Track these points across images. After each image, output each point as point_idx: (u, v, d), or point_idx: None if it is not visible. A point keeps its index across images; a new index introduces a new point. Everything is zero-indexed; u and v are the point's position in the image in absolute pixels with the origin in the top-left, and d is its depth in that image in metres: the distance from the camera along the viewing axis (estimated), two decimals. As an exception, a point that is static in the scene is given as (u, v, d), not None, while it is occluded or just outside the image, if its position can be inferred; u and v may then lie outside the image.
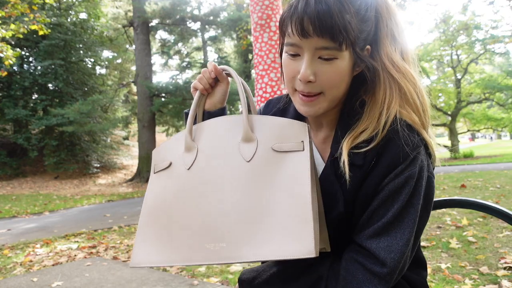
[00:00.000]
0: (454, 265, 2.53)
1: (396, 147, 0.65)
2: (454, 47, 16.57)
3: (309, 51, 0.66)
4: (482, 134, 42.63)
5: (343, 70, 0.67)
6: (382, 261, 0.63)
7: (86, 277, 2.80)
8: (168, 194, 0.74)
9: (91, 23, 16.99)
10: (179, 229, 0.69)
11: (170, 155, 0.79)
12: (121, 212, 6.94)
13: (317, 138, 0.81)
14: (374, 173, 0.66)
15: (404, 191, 0.65)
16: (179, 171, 0.75)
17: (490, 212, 0.90)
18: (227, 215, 0.65)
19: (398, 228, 0.65)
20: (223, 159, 0.70)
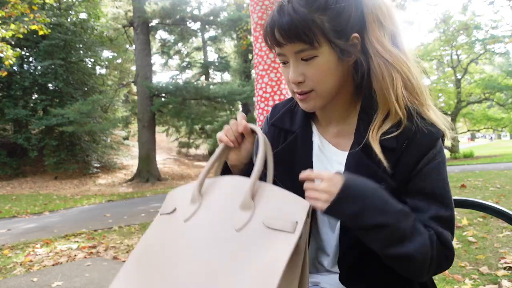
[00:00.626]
0: (454, 265, 2.54)
1: (427, 132, 0.70)
2: (454, 47, 16.56)
3: (291, 56, 0.72)
4: (482, 134, 42.64)
5: (326, 65, 0.71)
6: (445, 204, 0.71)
7: (86, 277, 2.80)
8: (162, 239, 0.71)
9: (91, 23, 16.98)
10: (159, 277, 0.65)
11: (178, 201, 0.76)
12: (121, 212, 6.94)
13: (329, 133, 0.84)
14: (407, 154, 0.71)
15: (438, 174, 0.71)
16: (178, 220, 0.72)
17: (490, 212, 0.90)
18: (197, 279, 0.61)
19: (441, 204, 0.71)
20: (218, 221, 0.67)
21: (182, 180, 15.09)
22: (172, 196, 0.79)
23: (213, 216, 0.68)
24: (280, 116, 0.90)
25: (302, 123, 0.85)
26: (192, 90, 14.79)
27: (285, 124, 0.88)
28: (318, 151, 0.82)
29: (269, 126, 0.91)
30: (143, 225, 5.41)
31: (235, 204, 0.68)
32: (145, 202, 8.41)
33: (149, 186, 13.25)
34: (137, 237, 4.48)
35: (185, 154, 21.73)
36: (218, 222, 0.67)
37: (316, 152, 0.82)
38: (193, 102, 15.51)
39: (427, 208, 0.70)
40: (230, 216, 0.67)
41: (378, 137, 0.71)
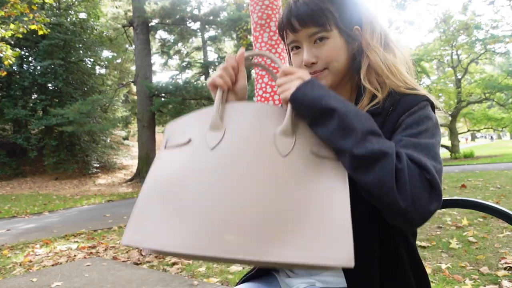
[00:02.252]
0: (455, 265, 2.53)
1: (410, 96, 0.77)
2: (455, 47, 16.55)
3: (305, 40, 0.82)
4: (482, 134, 42.62)
5: (337, 45, 0.81)
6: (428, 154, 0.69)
7: (85, 277, 2.79)
8: (183, 172, 0.65)
9: (91, 23, 16.98)
10: (193, 213, 0.60)
11: (190, 131, 0.71)
12: (121, 212, 6.93)
13: None
14: (392, 116, 0.76)
15: (421, 125, 0.72)
16: (200, 149, 0.67)
17: (490, 212, 0.90)
18: (254, 208, 0.58)
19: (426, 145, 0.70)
20: (255, 147, 0.64)
21: (182, 180, 15.09)
22: (175, 128, 0.74)
23: (248, 141, 0.65)
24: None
25: None
26: (192, 90, 14.79)
27: None
28: None
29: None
30: (143, 225, 5.41)
31: (271, 130, 0.66)
32: (145, 202, 8.38)
33: (149, 186, 13.24)
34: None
35: (185, 154, 21.70)
36: (257, 148, 0.64)
37: None
38: (193, 102, 15.50)
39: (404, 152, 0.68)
40: (271, 142, 0.65)
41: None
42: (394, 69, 0.81)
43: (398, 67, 0.82)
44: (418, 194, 0.63)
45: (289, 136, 0.66)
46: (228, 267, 2.95)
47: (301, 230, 0.57)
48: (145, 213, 0.64)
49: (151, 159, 14.75)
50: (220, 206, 0.59)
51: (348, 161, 0.65)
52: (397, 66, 0.82)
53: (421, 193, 0.63)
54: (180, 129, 0.73)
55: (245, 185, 0.60)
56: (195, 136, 0.69)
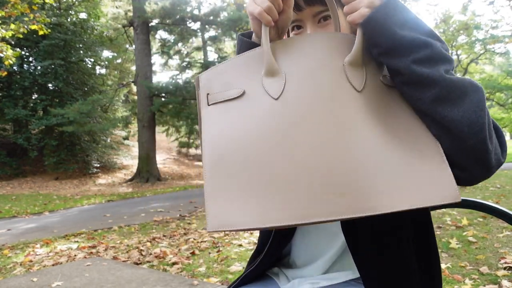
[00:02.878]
0: (454, 265, 2.53)
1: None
2: (454, 47, 16.56)
3: (308, 20, 0.76)
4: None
5: (342, 25, 0.75)
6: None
7: (86, 277, 2.80)
8: (252, 133, 0.57)
9: (91, 23, 16.98)
10: (281, 179, 0.53)
11: (238, 82, 0.61)
12: (121, 212, 6.93)
13: None
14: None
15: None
16: (262, 102, 0.58)
17: (490, 212, 0.90)
18: (348, 160, 0.52)
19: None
20: (327, 86, 0.56)
21: (182, 180, 15.08)
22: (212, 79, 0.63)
23: (317, 82, 0.57)
24: None
25: None
26: (192, 90, 14.78)
27: None
28: None
29: None
30: (143, 225, 5.41)
31: (337, 62, 0.58)
32: (145, 202, 8.41)
33: (149, 186, 13.24)
34: (136, 237, 4.48)
35: (185, 154, 21.71)
36: (330, 87, 0.56)
37: None
38: (193, 102, 15.50)
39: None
40: (342, 76, 0.57)
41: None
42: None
43: None
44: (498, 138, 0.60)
45: (359, 67, 0.58)
46: (228, 267, 2.95)
47: (400, 174, 0.53)
48: (222, 190, 0.56)
49: (151, 159, 14.76)
50: (311, 167, 0.52)
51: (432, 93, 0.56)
52: None
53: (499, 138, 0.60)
54: (222, 79, 0.63)
55: (330, 136, 0.53)
56: (248, 86, 0.60)
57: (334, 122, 0.54)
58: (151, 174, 14.42)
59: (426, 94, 0.56)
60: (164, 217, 5.95)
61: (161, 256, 3.47)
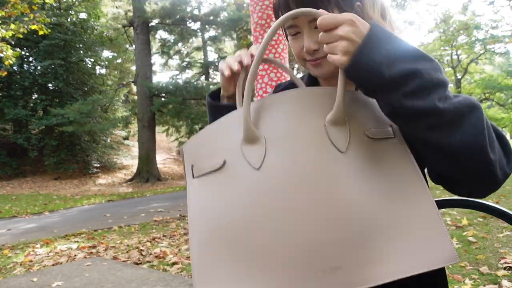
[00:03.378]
0: (454, 265, 2.53)
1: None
2: (454, 47, 16.56)
3: (305, 26, 0.74)
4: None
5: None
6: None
7: (86, 277, 2.80)
8: (235, 208, 0.54)
9: (91, 23, 16.98)
10: (268, 256, 0.50)
11: (218, 150, 0.58)
12: (121, 212, 6.93)
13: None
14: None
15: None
16: (243, 172, 0.54)
17: (490, 212, 0.90)
18: (336, 228, 0.49)
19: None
20: (309, 151, 0.53)
21: (182, 180, 15.08)
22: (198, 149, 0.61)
23: (298, 147, 0.53)
24: (284, 89, 0.92)
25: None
26: (192, 90, 14.79)
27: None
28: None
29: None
30: (143, 225, 5.41)
31: (318, 122, 0.54)
32: (145, 202, 8.41)
33: (149, 186, 13.24)
34: (136, 237, 4.48)
35: (185, 154, 21.70)
36: (313, 151, 0.53)
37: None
38: (193, 102, 15.51)
39: None
40: (323, 137, 0.53)
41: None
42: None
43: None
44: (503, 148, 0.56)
45: (342, 124, 0.54)
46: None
47: (393, 238, 0.50)
48: (209, 265, 0.54)
49: (151, 159, 14.77)
50: (297, 240, 0.49)
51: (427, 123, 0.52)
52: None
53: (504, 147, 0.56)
54: (203, 149, 0.60)
55: (315, 205, 0.50)
56: (228, 155, 0.56)
57: (319, 189, 0.51)
58: (151, 174, 14.43)
59: (420, 125, 0.53)
60: (164, 217, 5.94)
61: (161, 256, 3.47)
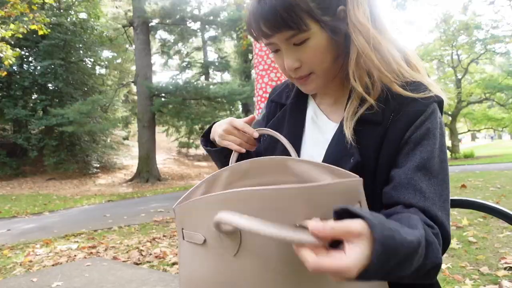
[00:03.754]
0: (455, 265, 2.53)
1: (414, 101, 0.67)
2: (455, 47, 16.57)
3: (282, 44, 0.69)
4: (483, 134, 42.62)
5: (320, 45, 0.68)
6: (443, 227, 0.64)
7: (86, 277, 2.79)
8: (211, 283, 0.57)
9: (91, 23, 16.98)
10: None
11: (201, 225, 0.58)
12: (121, 212, 6.93)
13: (324, 103, 0.83)
14: (394, 127, 0.67)
15: (430, 142, 0.65)
16: (221, 255, 0.56)
17: (490, 212, 0.90)
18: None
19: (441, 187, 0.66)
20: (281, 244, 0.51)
21: (182, 180, 15.08)
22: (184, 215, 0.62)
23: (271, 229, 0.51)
24: (279, 92, 0.92)
25: (295, 97, 0.86)
26: (192, 90, 14.79)
27: (282, 99, 0.89)
28: (310, 122, 0.82)
29: (270, 103, 0.93)
30: (143, 225, 5.41)
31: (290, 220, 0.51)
32: (145, 202, 8.41)
33: (149, 186, 13.24)
34: (136, 237, 4.48)
35: (185, 154, 21.72)
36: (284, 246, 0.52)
37: (308, 123, 0.82)
38: (193, 102, 15.51)
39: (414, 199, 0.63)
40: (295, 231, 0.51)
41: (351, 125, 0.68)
42: (387, 54, 0.67)
43: (391, 52, 0.68)
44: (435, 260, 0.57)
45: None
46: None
47: None
48: None
49: (151, 159, 14.77)
50: None
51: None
52: (390, 50, 0.68)
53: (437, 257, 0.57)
54: (190, 219, 0.61)
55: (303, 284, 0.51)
56: (209, 235, 0.57)
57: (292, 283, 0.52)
58: (151, 174, 14.43)
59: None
60: (164, 217, 5.94)
61: (161, 256, 3.47)
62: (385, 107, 0.68)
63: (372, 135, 0.68)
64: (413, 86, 0.68)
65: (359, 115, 0.69)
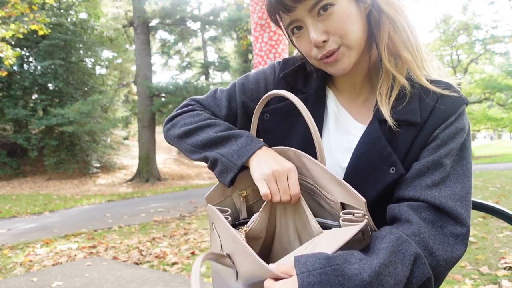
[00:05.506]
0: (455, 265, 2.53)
1: (449, 100, 0.65)
2: (454, 47, 16.57)
3: (306, 17, 0.65)
4: (483, 134, 42.62)
5: (346, 11, 0.64)
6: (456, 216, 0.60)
7: (86, 277, 2.80)
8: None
9: (91, 23, 16.98)
10: None
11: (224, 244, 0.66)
12: (121, 212, 6.93)
13: (348, 100, 0.77)
14: (426, 126, 0.65)
15: (455, 141, 0.64)
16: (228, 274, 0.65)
17: (490, 212, 0.90)
18: None
19: (456, 179, 0.63)
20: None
21: (182, 180, 15.09)
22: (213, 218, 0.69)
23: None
24: (294, 71, 0.80)
25: (317, 85, 0.77)
26: (192, 90, 14.80)
27: (298, 83, 0.79)
28: (333, 118, 0.75)
29: (278, 78, 0.81)
30: (143, 225, 5.41)
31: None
32: (145, 202, 8.41)
33: (149, 186, 13.25)
34: (136, 237, 4.48)
35: (185, 154, 21.71)
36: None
37: (331, 119, 0.75)
38: (193, 102, 15.49)
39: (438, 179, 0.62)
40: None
41: (389, 110, 0.66)
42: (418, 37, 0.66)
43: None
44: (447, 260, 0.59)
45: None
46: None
47: None
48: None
49: (151, 159, 14.77)
50: None
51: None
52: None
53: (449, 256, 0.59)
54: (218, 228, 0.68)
55: None
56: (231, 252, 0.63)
57: None
58: (151, 174, 14.43)
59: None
60: (164, 217, 5.95)
61: (161, 256, 3.47)
62: (420, 106, 0.66)
63: (408, 137, 0.66)
64: (440, 84, 0.67)
65: (393, 100, 0.66)
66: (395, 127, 0.65)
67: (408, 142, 0.65)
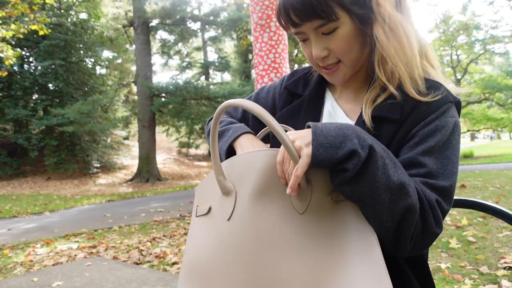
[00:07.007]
0: (454, 265, 2.54)
1: (427, 104, 0.67)
2: (454, 47, 16.57)
3: (311, 33, 0.70)
4: (483, 134, 42.60)
5: (349, 34, 0.68)
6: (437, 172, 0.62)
7: (86, 277, 2.80)
8: (206, 249, 0.62)
9: (91, 23, 16.98)
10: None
11: (210, 196, 0.66)
12: (121, 212, 6.94)
13: (343, 98, 0.81)
14: (405, 124, 0.67)
15: (435, 139, 0.65)
16: (218, 220, 0.62)
17: (489, 212, 0.90)
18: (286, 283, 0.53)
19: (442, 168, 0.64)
20: (271, 208, 0.57)
21: (182, 180, 15.08)
22: (201, 192, 0.70)
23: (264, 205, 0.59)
24: (295, 81, 0.89)
25: (314, 88, 0.84)
26: (192, 90, 14.79)
27: (298, 89, 0.86)
28: (328, 117, 0.80)
29: (282, 89, 0.91)
30: (143, 225, 5.41)
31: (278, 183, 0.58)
32: (145, 202, 8.41)
33: (149, 186, 13.25)
34: (137, 237, 4.48)
35: (185, 154, 21.72)
36: (274, 210, 0.57)
37: (326, 118, 0.80)
38: (193, 102, 15.50)
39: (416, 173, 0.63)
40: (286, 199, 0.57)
41: (370, 111, 0.69)
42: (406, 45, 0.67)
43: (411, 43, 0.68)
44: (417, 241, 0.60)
45: (304, 188, 0.57)
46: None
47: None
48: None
49: (151, 159, 14.77)
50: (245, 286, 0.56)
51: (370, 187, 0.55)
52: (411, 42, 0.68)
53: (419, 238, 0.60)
54: (205, 193, 0.69)
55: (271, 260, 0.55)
56: (214, 202, 0.64)
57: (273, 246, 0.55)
58: (151, 174, 14.43)
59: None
60: (164, 217, 5.95)
61: (161, 256, 3.48)
62: (403, 106, 0.68)
63: (387, 133, 0.68)
64: (429, 84, 0.69)
65: (377, 104, 0.69)
66: (371, 126, 0.68)
67: (388, 139, 0.67)
